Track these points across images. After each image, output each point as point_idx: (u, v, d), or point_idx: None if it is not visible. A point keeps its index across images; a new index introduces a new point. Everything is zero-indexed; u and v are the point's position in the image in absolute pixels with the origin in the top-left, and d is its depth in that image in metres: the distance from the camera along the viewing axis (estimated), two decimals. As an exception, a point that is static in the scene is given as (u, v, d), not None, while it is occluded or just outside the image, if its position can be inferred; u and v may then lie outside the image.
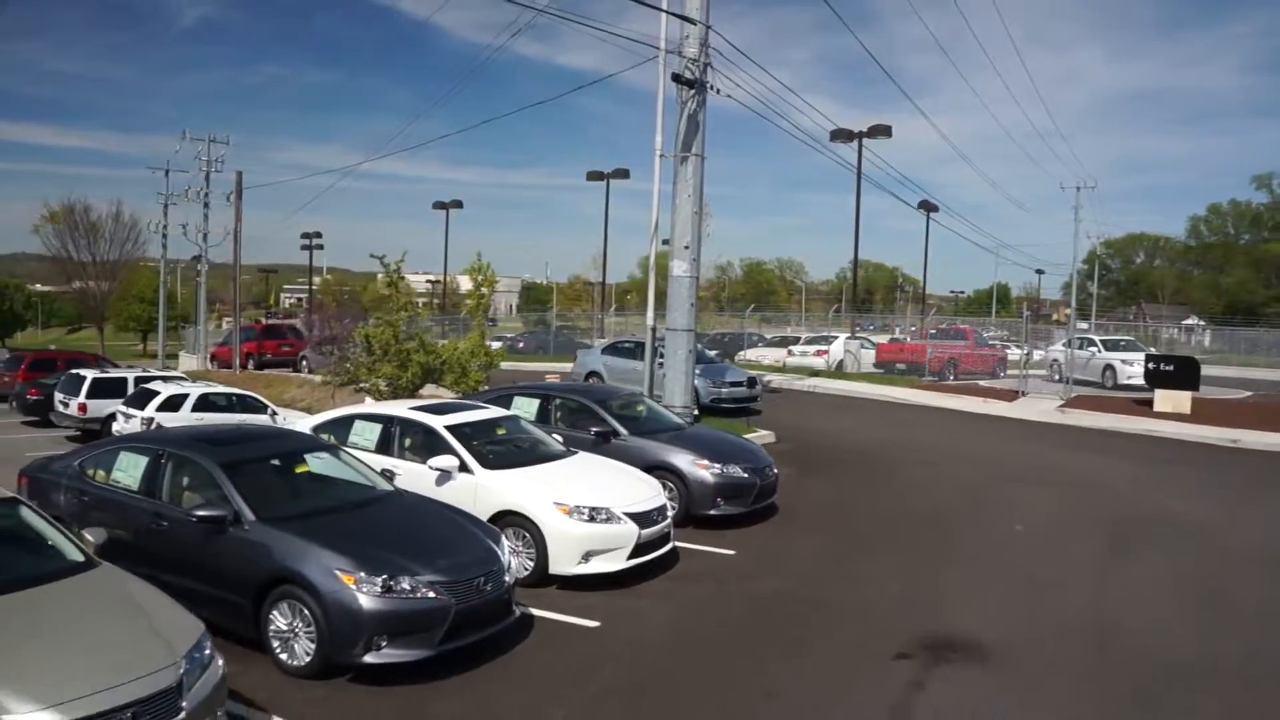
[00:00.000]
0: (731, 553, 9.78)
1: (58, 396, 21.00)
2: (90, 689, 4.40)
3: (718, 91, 15.13)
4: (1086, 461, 15.88)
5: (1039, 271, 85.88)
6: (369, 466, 8.11)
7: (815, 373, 28.06)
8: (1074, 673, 6.77)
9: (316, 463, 7.74)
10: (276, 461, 7.60)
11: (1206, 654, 7.19)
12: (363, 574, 6.15)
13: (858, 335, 32.22)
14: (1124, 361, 25.46)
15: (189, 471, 7.28)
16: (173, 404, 17.05)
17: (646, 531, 8.49)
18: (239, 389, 19.29)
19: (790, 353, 30.68)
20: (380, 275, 18.21)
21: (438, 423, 9.10)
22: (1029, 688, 6.51)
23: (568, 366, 24.92)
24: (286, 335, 32.67)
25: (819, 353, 30.00)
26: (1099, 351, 26.77)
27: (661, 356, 15.89)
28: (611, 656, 6.93)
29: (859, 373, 28.45)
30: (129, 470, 7.51)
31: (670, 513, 9.09)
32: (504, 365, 23.50)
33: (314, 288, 77.26)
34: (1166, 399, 20.90)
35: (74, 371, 22.19)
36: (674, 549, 9.26)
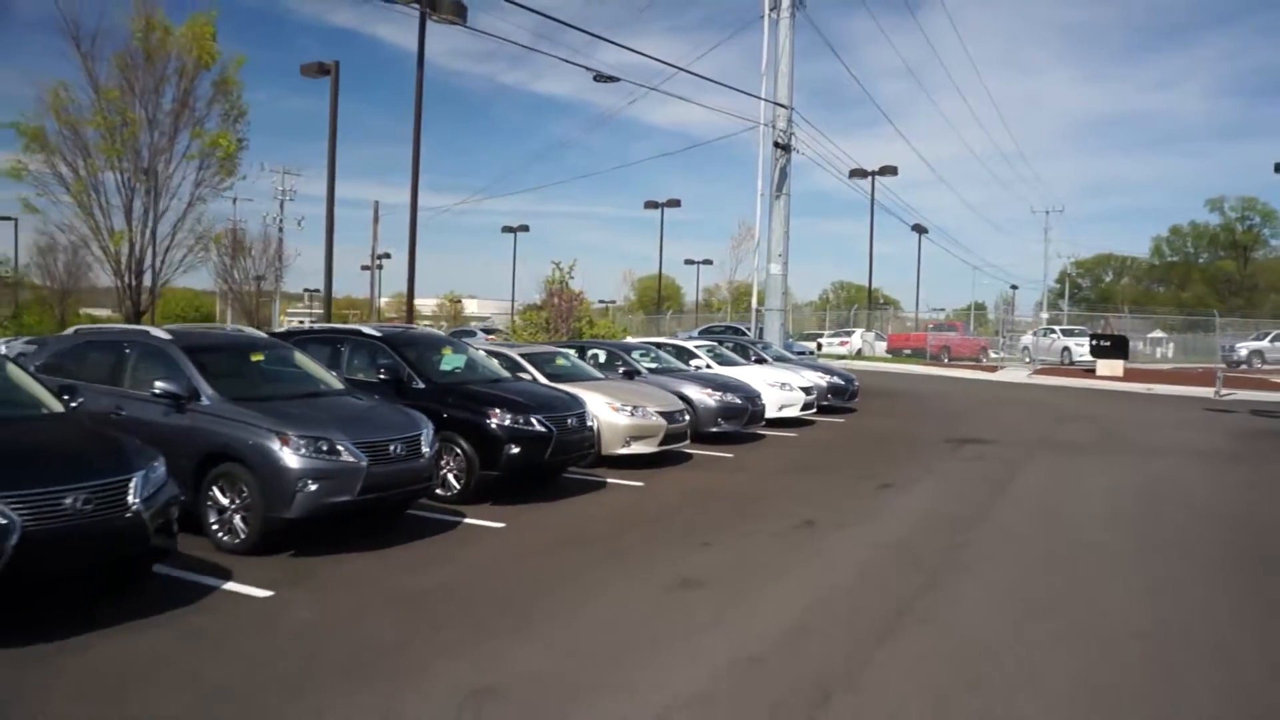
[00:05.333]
0: (842, 421, 17.35)
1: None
2: (657, 406, 11.82)
3: (799, 153, 22.85)
4: (1047, 397, 23.60)
5: (1013, 287, 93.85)
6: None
7: (840, 357, 35.75)
8: (1029, 447, 14.37)
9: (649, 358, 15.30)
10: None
11: (1100, 445, 14.83)
12: (710, 390, 13.62)
13: (870, 330, 40.28)
14: (1077, 344, 33.38)
15: (604, 356, 14.78)
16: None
17: (809, 398, 16.08)
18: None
19: (820, 344, 38.41)
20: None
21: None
22: (1007, 449, 14.08)
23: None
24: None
25: (842, 342, 37.93)
26: (1059, 337, 34.76)
27: (762, 325, 23.51)
28: (798, 448, 14.41)
29: (874, 355, 36.29)
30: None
31: (814, 392, 16.70)
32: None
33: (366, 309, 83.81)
34: (1106, 366, 28.70)
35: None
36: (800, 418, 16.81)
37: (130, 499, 5.56)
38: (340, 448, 7.09)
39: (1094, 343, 29.26)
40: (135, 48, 18.13)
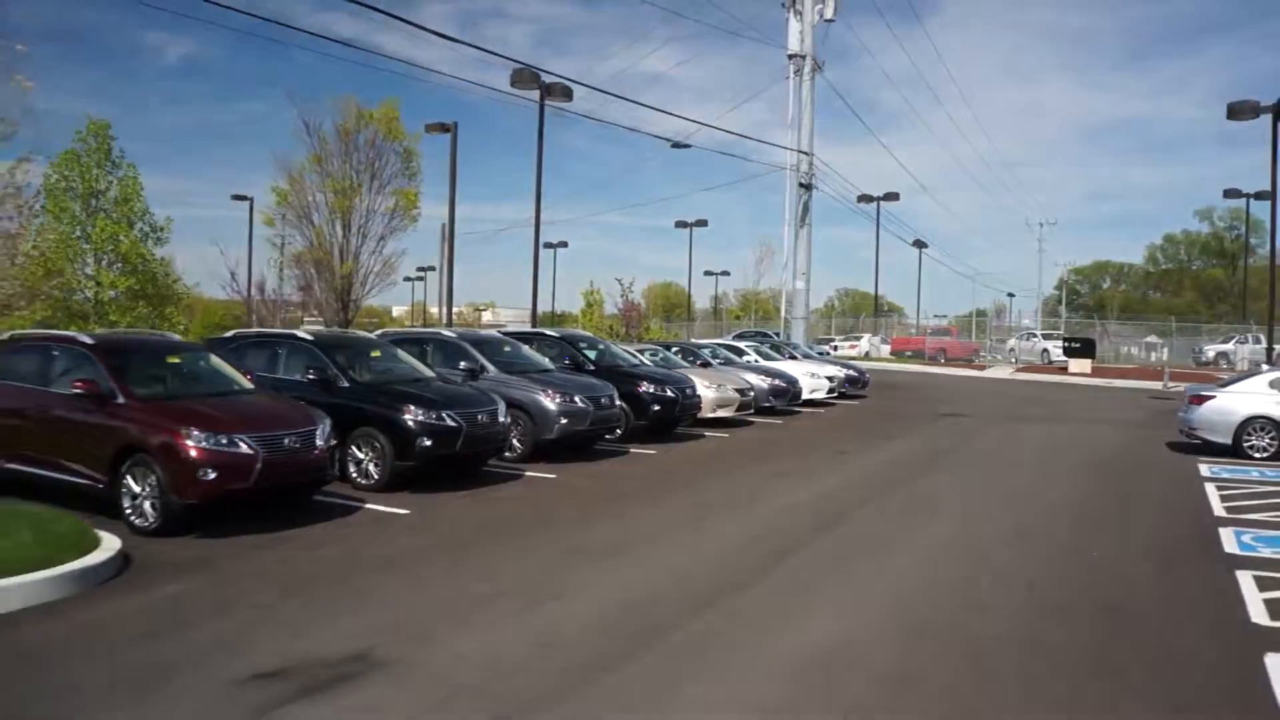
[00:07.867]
0: (856, 403, 22.62)
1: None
2: (732, 384, 17.06)
3: (819, 190, 28.12)
4: (1022, 389, 28.87)
5: (1010, 295, 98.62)
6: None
7: (851, 358, 41.03)
8: (995, 418, 19.62)
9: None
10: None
11: (1048, 417, 20.09)
12: (763, 376, 18.87)
13: (876, 334, 45.78)
14: (1054, 346, 38.63)
15: (681, 352, 20.07)
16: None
17: (832, 384, 21.36)
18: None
19: (835, 346, 43.72)
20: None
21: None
22: (978, 419, 19.33)
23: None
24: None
25: (851, 345, 43.27)
26: (1039, 340, 40.04)
27: (789, 331, 28.79)
28: (827, 418, 19.67)
29: (880, 356, 41.61)
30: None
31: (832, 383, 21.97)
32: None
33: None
34: (1076, 365, 33.90)
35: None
36: (826, 399, 22.07)
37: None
38: (577, 399, 12.36)
39: (1066, 344, 34.49)
40: (343, 128, 23.88)
